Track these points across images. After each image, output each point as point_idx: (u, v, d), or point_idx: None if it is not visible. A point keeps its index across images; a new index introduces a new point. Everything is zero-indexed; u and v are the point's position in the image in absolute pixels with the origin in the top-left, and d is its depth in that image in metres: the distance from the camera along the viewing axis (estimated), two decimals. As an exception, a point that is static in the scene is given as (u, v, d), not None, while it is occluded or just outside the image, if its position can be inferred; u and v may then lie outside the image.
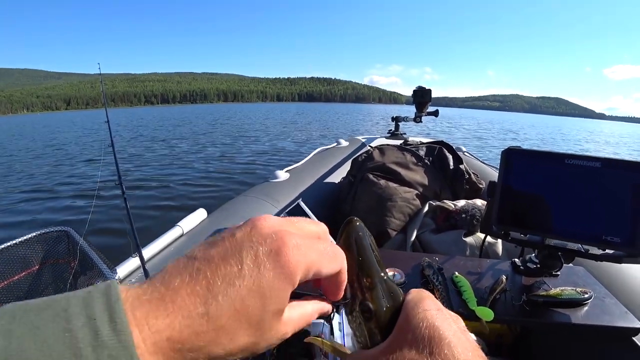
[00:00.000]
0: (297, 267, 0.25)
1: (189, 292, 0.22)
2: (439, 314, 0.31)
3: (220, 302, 0.22)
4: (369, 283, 0.33)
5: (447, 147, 1.81)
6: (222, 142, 12.19)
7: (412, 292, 0.34)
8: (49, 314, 0.18)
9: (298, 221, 0.30)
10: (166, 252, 1.18)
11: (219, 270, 0.23)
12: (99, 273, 1.01)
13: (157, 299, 0.21)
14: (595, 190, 0.84)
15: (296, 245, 0.25)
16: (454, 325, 0.30)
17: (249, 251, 0.24)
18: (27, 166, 9.10)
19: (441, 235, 1.37)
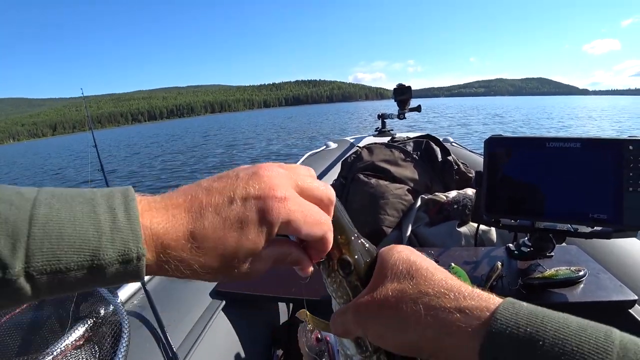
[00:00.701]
0: (277, 217, 0.27)
1: (185, 210, 0.27)
2: (412, 252, 0.34)
3: (206, 226, 0.26)
4: (343, 239, 0.34)
5: (433, 140, 1.83)
6: (214, 154, 12.14)
7: (385, 248, 0.36)
8: (80, 199, 0.24)
9: (304, 177, 0.32)
10: None
11: (213, 200, 0.27)
12: (100, 298, 1.01)
13: (162, 208, 0.27)
14: (578, 170, 0.86)
15: (283, 198, 0.28)
16: (429, 259, 0.33)
17: (242, 191, 0.28)
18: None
19: (435, 228, 1.39)
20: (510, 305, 0.26)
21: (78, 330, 0.88)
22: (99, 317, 0.94)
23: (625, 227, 0.84)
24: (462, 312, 0.27)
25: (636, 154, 0.82)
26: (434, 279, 0.30)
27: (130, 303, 1.02)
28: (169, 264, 0.26)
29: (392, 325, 0.30)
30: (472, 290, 0.29)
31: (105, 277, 0.24)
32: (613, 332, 0.23)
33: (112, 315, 0.94)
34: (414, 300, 0.29)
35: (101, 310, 0.96)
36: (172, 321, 0.94)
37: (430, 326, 0.28)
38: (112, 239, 0.23)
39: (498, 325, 0.25)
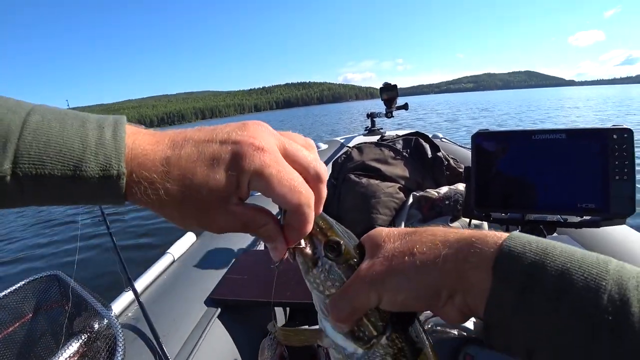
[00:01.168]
0: (249, 164, 0.27)
1: (169, 140, 0.28)
2: (401, 228, 0.34)
3: (181, 155, 0.27)
4: (325, 224, 0.34)
5: (422, 137, 1.84)
6: None
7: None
8: (72, 115, 0.26)
9: (294, 143, 0.31)
10: (160, 281, 1.17)
11: (196, 135, 0.29)
12: (94, 313, 1.00)
13: (150, 135, 0.28)
14: (565, 161, 0.87)
15: (261, 147, 0.28)
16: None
17: (224, 135, 0.28)
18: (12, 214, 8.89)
19: (428, 224, 1.39)
20: (519, 233, 0.28)
21: (72, 346, 0.87)
22: (92, 332, 0.93)
23: (613, 215, 0.85)
24: (477, 238, 0.28)
25: (620, 143, 0.83)
26: (436, 229, 0.31)
27: (125, 316, 1.01)
28: (140, 185, 0.26)
29: (411, 271, 0.29)
30: (475, 230, 0.30)
31: (87, 190, 0.25)
32: (610, 260, 0.25)
33: (106, 329, 0.93)
34: (427, 239, 0.30)
35: (95, 324, 0.95)
36: (167, 332, 0.93)
37: (449, 258, 0.28)
38: (96, 153, 0.25)
39: (512, 242, 0.27)
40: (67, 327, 0.99)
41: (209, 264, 1.24)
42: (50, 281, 1.12)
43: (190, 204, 0.28)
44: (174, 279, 1.17)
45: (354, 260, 0.33)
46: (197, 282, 1.13)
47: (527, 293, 0.25)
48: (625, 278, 0.23)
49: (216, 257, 1.29)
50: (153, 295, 1.10)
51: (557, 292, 0.24)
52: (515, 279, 0.25)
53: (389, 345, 0.32)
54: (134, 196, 0.27)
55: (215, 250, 1.35)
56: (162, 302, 1.05)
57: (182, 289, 1.10)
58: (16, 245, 5.57)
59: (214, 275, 1.16)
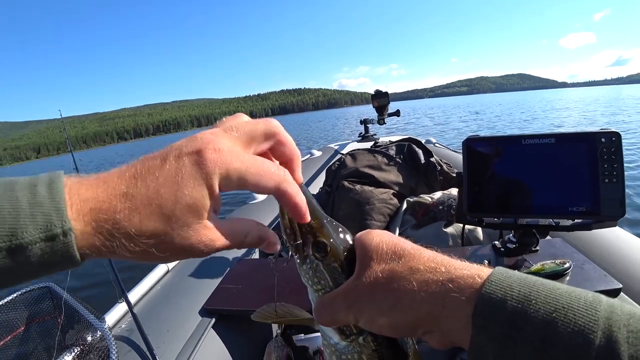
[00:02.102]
0: (214, 167, 0.26)
1: (119, 176, 0.25)
2: (392, 235, 0.33)
3: (139, 186, 0.24)
4: (316, 223, 0.34)
5: (415, 142, 1.85)
6: None
7: (362, 231, 0.36)
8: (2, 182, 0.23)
9: (239, 126, 0.30)
10: (153, 292, 1.16)
11: (146, 163, 0.26)
12: (87, 325, 0.99)
13: (94, 179, 0.25)
14: (555, 165, 0.88)
15: (218, 149, 0.26)
16: (409, 241, 0.33)
17: (176, 151, 0.26)
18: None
19: (422, 230, 1.40)
20: (502, 271, 0.27)
21: (65, 359, 0.86)
22: (85, 344, 0.92)
23: (604, 217, 0.86)
24: (455, 281, 0.27)
25: (608, 146, 0.84)
26: (422, 256, 0.31)
27: (118, 327, 1.00)
28: (105, 234, 0.23)
29: (386, 306, 0.29)
30: (462, 262, 0.29)
31: (31, 259, 0.22)
32: (600, 297, 0.24)
33: (100, 342, 0.92)
34: (405, 278, 0.29)
35: (88, 337, 0.94)
36: (161, 343, 0.92)
37: (425, 301, 0.28)
38: (32, 215, 0.22)
39: (491, 288, 0.25)
40: (59, 339, 0.98)
41: (203, 274, 1.23)
42: (42, 293, 1.11)
43: (166, 231, 0.25)
44: (168, 290, 1.16)
45: (339, 263, 0.34)
46: (191, 292, 1.13)
47: (510, 345, 0.24)
48: (615, 327, 0.22)
49: (210, 266, 1.28)
50: (147, 306, 1.09)
51: (543, 343, 0.23)
52: (496, 329, 0.24)
53: (364, 345, 0.34)
54: (98, 250, 0.24)
55: (210, 259, 1.34)
56: (156, 313, 1.04)
57: (176, 300, 1.09)
58: None
59: (209, 285, 1.15)
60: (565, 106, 27.20)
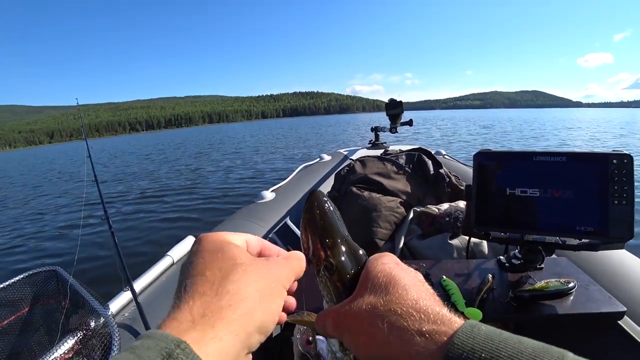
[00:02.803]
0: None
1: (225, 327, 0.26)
2: (397, 266, 0.34)
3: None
4: (330, 243, 0.36)
5: (425, 153, 1.86)
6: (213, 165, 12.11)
7: (374, 255, 0.37)
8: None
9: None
10: (158, 283, 1.18)
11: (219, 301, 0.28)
12: (90, 310, 1.00)
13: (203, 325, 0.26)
14: (565, 184, 0.88)
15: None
16: (412, 274, 0.33)
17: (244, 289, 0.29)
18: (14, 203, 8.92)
19: (428, 241, 1.40)
20: (468, 329, 0.27)
21: (67, 342, 0.87)
22: (88, 330, 0.93)
23: (611, 239, 0.86)
24: (423, 335, 0.28)
25: (620, 168, 0.84)
26: (407, 297, 0.31)
27: (122, 315, 1.02)
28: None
29: (362, 339, 0.31)
30: (437, 312, 0.29)
31: None
32: (566, 355, 0.24)
33: (103, 328, 0.93)
34: (381, 319, 0.30)
35: (91, 322, 0.95)
36: None
37: (393, 346, 0.29)
38: None
39: (455, 351, 0.26)
40: (63, 323, 0.99)
41: None
42: (48, 276, 1.13)
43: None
44: (173, 281, 1.17)
45: (341, 284, 0.36)
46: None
47: None
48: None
49: None
50: (151, 296, 1.10)
51: None
52: None
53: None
54: None
55: None
56: (160, 304, 1.05)
57: None
58: (16, 239, 5.58)
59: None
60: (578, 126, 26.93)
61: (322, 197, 0.39)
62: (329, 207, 0.38)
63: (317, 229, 0.37)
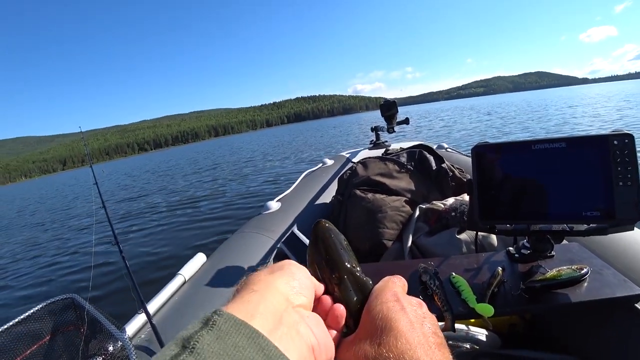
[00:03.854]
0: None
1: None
2: (396, 305, 0.34)
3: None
4: (337, 278, 0.36)
5: (426, 148, 1.85)
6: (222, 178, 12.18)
7: (380, 282, 0.37)
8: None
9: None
10: (171, 303, 1.19)
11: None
12: (108, 335, 1.01)
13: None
14: (567, 170, 0.87)
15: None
16: (410, 315, 0.33)
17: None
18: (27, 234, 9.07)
19: (436, 237, 1.39)
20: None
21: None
22: (107, 354, 0.94)
23: (620, 221, 0.84)
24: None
25: (622, 149, 0.83)
26: (396, 347, 0.30)
27: (138, 337, 1.03)
28: None
29: None
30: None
31: None
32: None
33: (120, 351, 0.95)
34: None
35: (109, 346, 0.96)
36: None
37: None
38: None
39: None
40: (83, 349, 1.01)
41: (220, 284, 1.25)
42: (66, 304, 1.14)
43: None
44: (186, 300, 1.19)
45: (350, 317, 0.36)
46: (208, 302, 1.15)
47: None
48: None
49: (226, 276, 1.30)
50: (165, 316, 1.11)
51: None
52: None
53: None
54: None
55: (226, 269, 1.36)
56: (174, 323, 1.06)
57: (194, 310, 1.12)
58: (29, 269, 5.68)
59: (225, 295, 1.17)
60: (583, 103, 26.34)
61: (325, 229, 0.39)
62: (334, 238, 0.38)
63: (323, 263, 0.37)
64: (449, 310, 0.89)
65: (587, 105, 22.45)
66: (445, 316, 0.89)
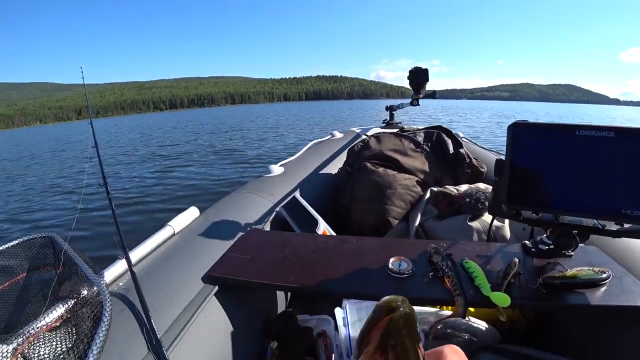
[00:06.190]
0: None
1: None
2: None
3: None
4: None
5: (445, 131, 1.75)
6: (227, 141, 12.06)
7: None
8: None
9: None
10: (157, 253, 1.11)
11: None
12: (84, 279, 0.94)
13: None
14: (610, 162, 0.78)
15: None
16: None
17: None
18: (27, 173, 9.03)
19: (445, 222, 1.31)
20: None
21: (56, 310, 0.81)
22: (80, 298, 0.87)
23: (662, 226, 0.77)
24: None
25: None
26: None
27: (116, 285, 0.95)
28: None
29: None
30: None
31: None
32: None
33: (96, 297, 0.87)
34: None
35: (84, 290, 0.89)
36: (158, 305, 0.86)
37: None
38: None
39: None
40: (55, 290, 0.94)
41: (211, 240, 1.17)
42: (44, 243, 1.08)
43: None
44: (172, 253, 1.10)
45: None
46: (196, 258, 1.07)
47: None
48: None
49: (219, 233, 1.22)
50: (147, 267, 1.03)
51: None
52: None
53: None
54: None
55: (219, 225, 1.28)
56: (156, 275, 0.98)
57: (179, 264, 1.03)
58: (13, 205, 5.64)
59: (215, 252, 1.09)
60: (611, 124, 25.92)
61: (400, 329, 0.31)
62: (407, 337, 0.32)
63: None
64: (461, 294, 0.82)
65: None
66: (456, 301, 0.82)
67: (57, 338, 0.76)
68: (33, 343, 0.72)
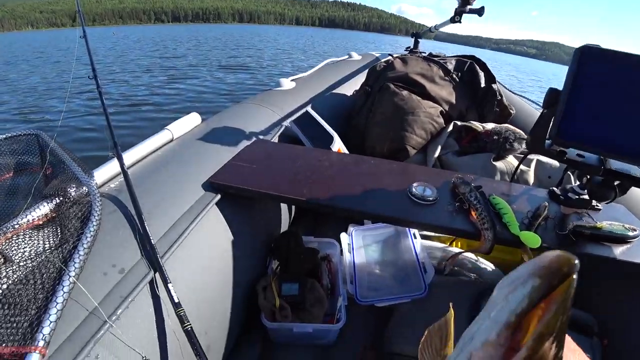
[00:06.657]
0: None
1: None
2: None
3: None
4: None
5: (479, 63, 1.56)
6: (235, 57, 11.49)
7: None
8: None
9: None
10: (153, 157, 1.01)
11: None
12: (72, 177, 0.86)
13: None
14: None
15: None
16: None
17: None
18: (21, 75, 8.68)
19: (468, 158, 1.22)
20: None
21: (40, 209, 0.74)
22: (67, 197, 0.79)
23: None
24: None
25: None
26: None
27: (107, 186, 0.87)
28: None
29: None
30: None
31: None
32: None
33: (85, 197, 0.80)
34: None
35: (71, 190, 0.81)
36: (153, 209, 0.79)
37: None
38: None
39: None
40: (40, 189, 0.86)
41: (214, 147, 1.08)
42: (30, 141, 0.99)
43: None
44: (170, 158, 1.01)
45: None
46: (197, 164, 0.98)
47: None
48: None
49: (223, 140, 1.12)
50: (142, 170, 0.94)
51: None
52: None
53: None
54: None
55: (223, 133, 1.17)
56: (152, 179, 0.90)
57: (178, 169, 0.95)
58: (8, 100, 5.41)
59: (217, 160, 1.01)
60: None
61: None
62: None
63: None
64: (491, 229, 0.75)
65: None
66: (483, 235, 0.75)
67: (40, 236, 0.69)
68: (12, 240, 0.66)
